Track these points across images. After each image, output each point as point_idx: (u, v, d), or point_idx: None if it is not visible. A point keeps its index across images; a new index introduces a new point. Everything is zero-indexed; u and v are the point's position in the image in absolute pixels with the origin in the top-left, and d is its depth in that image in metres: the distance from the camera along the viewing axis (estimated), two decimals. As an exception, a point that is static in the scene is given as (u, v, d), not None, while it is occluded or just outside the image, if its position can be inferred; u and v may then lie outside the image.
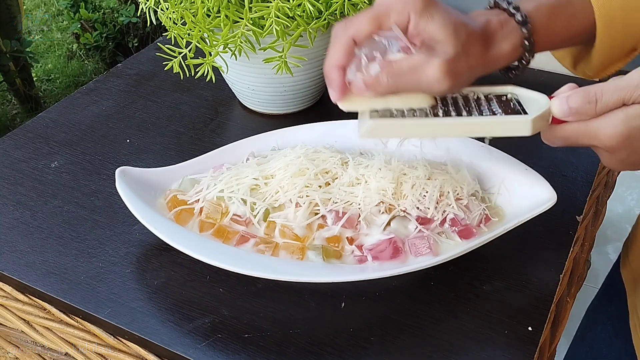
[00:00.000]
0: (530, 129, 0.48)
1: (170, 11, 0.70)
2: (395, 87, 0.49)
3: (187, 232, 0.59)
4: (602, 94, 0.45)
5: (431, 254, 0.56)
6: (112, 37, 2.38)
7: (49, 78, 2.47)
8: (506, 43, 0.52)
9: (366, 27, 0.49)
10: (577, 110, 0.46)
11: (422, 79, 0.48)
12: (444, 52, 0.48)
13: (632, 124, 0.44)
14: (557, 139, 0.49)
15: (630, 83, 0.44)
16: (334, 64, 0.50)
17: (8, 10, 1.91)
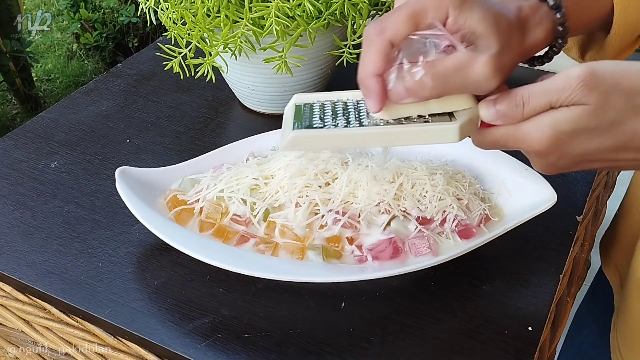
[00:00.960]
0: (457, 136, 0.47)
1: (170, 11, 0.70)
2: (442, 89, 0.46)
3: (187, 232, 0.59)
4: (529, 97, 0.44)
5: (431, 254, 0.56)
6: (112, 37, 2.38)
7: (49, 78, 2.48)
8: (540, 30, 0.49)
9: (404, 27, 0.45)
10: (504, 114, 0.45)
11: (469, 78, 0.45)
12: (488, 47, 0.45)
13: (560, 128, 0.43)
14: (486, 143, 0.48)
15: (557, 86, 0.43)
16: (372, 72, 0.46)
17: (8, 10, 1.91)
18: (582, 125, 0.43)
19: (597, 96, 0.42)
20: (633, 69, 0.43)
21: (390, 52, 0.46)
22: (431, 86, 0.45)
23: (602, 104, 0.42)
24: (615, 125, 0.42)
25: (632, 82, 0.42)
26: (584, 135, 0.43)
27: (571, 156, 0.44)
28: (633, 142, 0.43)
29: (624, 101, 0.42)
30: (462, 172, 0.63)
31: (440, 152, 0.67)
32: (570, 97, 0.42)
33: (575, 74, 0.42)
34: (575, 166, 0.46)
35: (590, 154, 0.44)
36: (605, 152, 0.44)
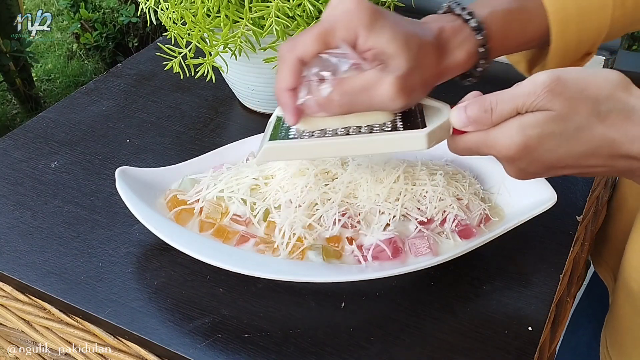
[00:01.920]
0: (425, 144, 0.48)
1: (170, 11, 0.70)
2: (349, 106, 0.48)
3: (187, 232, 0.59)
4: (497, 103, 0.44)
5: (431, 254, 0.56)
6: (112, 37, 2.38)
7: (49, 78, 2.48)
8: (460, 51, 0.51)
9: (312, 46, 0.47)
10: (474, 120, 0.46)
11: (375, 97, 0.47)
12: (396, 68, 0.46)
13: (527, 133, 0.43)
14: (460, 150, 0.48)
15: (524, 91, 0.43)
16: (284, 87, 0.48)
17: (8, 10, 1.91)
18: (548, 131, 0.43)
19: (562, 102, 0.42)
20: (599, 76, 0.43)
21: (300, 68, 0.48)
22: (339, 103, 0.47)
23: (566, 110, 0.42)
24: (582, 131, 0.43)
25: (597, 89, 0.43)
26: (552, 141, 0.43)
27: (541, 162, 0.45)
28: (601, 149, 0.43)
29: (589, 108, 0.42)
30: (462, 172, 0.63)
31: (440, 152, 0.67)
32: (535, 103, 0.43)
33: (540, 80, 0.43)
34: (546, 172, 0.46)
35: (559, 160, 0.44)
36: (574, 158, 0.44)
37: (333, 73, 0.48)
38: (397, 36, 0.46)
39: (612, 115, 0.42)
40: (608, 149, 0.43)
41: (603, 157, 0.44)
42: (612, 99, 0.43)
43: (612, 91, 0.43)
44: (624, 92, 0.43)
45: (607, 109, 0.42)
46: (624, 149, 0.43)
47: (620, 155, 0.43)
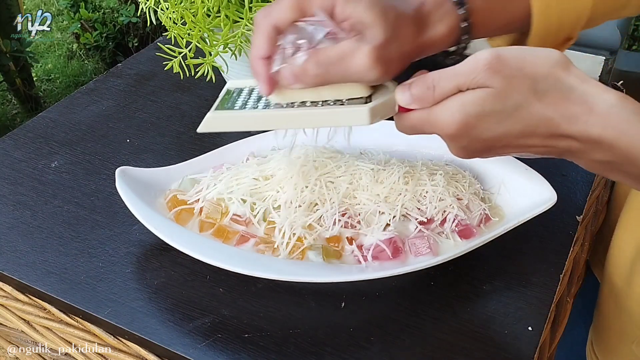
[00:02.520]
0: (367, 119, 0.47)
1: (170, 11, 0.70)
2: (324, 77, 0.46)
3: (187, 232, 0.59)
4: (439, 80, 0.44)
5: (431, 254, 0.56)
6: (112, 37, 2.38)
7: (49, 78, 2.47)
8: (442, 25, 0.50)
9: (288, 13, 0.46)
10: (417, 97, 0.45)
11: (351, 67, 0.46)
12: (373, 38, 0.45)
13: (467, 111, 0.43)
14: (405, 128, 0.48)
15: (465, 69, 0.43)
16: (258, 55, 0.47)
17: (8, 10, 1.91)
18: (488, 108, 0.43)
19: (501, 80, 0.42)
20: (539, 54, 0.43)
21: (276, 36, 0.47)
22: (313, 74, 0.46)
23: (505, 87, 0.42)
24: (520, 109, 0.43)
25: (536, 67, 0.43)
26: (491, 119, 0.43)
27: (482, 140, 0.45)
28: (540, 128, 0.43)
29: (527, 85, 0.42)
30: (462, 172, 0.63)
31: (440, 152, 0.67)
32: (475, 80, 0.43)
33: (481, 57, 0.43)
34: (488, 151, 0.46)
35: (499, 138, 0.44)
36: (513, 137, 0.44)
37: (309, 42, 0.46)
38: (374, 6, 0.46)
39: (550, 94, 0.42)
40: (546, 129, 0.43)
41: (542, 137, 0.44)
42: (551, 78, 0.42)
43: (551, 70, 0.43)
44: (563, 71, 0.43)
45: (545, 87, 0.42)
46: (562, 128, 0.42)
47: (558, 134, 0.43)
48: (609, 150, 0.42)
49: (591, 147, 0.43)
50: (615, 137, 0.42)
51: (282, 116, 0.49)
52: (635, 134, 0.41)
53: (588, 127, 0.42)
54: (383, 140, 0.68)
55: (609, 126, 0.41)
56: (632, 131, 0.41)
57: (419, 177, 0.60)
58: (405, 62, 0.49)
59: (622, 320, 0.64)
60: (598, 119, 0.42)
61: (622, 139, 0.41)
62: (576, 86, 0.42)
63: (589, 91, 0.42)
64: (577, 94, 0.42)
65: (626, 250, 0.64)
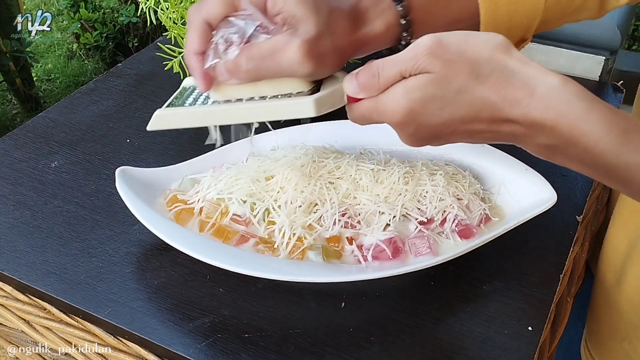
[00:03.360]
0: (313, 110, 0.47)
1: (170, 11, 0.70)
2: (257, 72, 0.47)
3: (187, 232, 0.59)
4: (383, 67, 0.44)
5: (431, 254, 0.56)
6: (112, 37, 2.38)
7: (49, 78, 2.48)
8: (379, 22, 0.50)
9: (219, 8, 0.46)
10: (363, 85, 0.45)
11: (282, 62, 0.46)
12: (304, 32, 0.45)
13: (411, 97, 0.43)
14: (357, 118, 0.48)
15: (407, 55, 0.43)
16: (191, 50, 0.48)
17: (8, 10, 1.91)
18: (430, 94, 0.43)
19: (441, 64, 0.42)
20: (480, 39, 0.43)
21: (209, 31, 0.47)
22: (246, 68, 0.46)
23: (446, 72, 0.42)
24: (462, 94, 0.43)
25: (477, 51, 0.42)
26: (435, 104, 0.43)
27: (428, 127, 0.45)
28: (483, 112, 0.43)
29: (468, 70, 0.42)
30: (462, 172, 0.63)
31: (440, 152, 0.67)
32: (417, 65, 0.43)
33: (422, 43, 0.43)
34: (436, 138, 0.46)
35: (445, 124, 0.44)
36: (458, 123, 0.44)
37: (241, 36, 0.47)
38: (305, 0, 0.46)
39: (491, 77, 0.42)
40: (489, 113, 0.43)
41: (486, 122, 0.43)
42: (492, 61, 0.42)
43: (492, 53, 0.42)
44: (504, 55, 0.42)
45: (486, 71, 0.42)
46: (505, 112, 0.42)
47: (501, 119, 0.43)
48: (551, 133, 0.42)
49: (534, 130, 0.42)
50: (555, 119, 0.41)
51: (228, 111, 0.50)
52: (576, 116, 0.41)
53: (529, 110, 0.42)
54: (383, 140, 0.68)
55: (550, 108, 0.41)
56: (573, 113, 0.41)
57: (419, 177, 0.60)
58: (341, 57, 0.49)
59: (614, 318, 0.64)
60: (539, 102, 0.41)
61: (562, 121, 0.41)
62: (517, 69, 0.42)
63: (530, 74, 0.42)
64: (519, 77, 0.42)
65: (618, 249, 0.64)
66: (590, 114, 0.41)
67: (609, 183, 0.45)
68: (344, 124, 0.69)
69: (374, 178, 0.60)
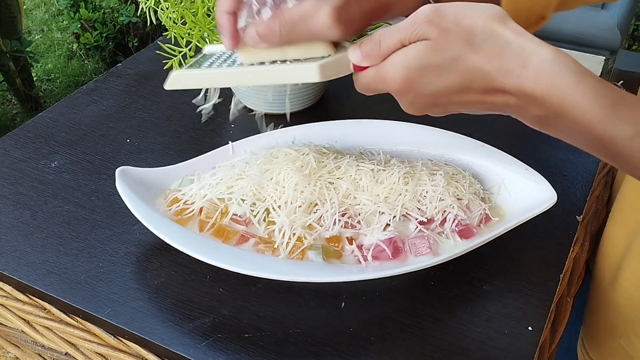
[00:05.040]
0: (318, 75, 0.49)
1: (171, 11, 0.70)
2: (289, 36, 0.48)
3: (187, 232, 0.59)
4: (384, 36, 0.45)
5: (431, 254, 0.56)
6: (112, 36, 2.38)
7: (49, 78, 2.48)
8: None
9: None
10: (366, 54, 0.46)
11: (313, 27, 0.47)
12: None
13: (408, 64, 0.44)
14: (362, 87, 0.49)
15: (407, 23, 0.44)
16: (223, 9, 0.49)
17: (8, 10, 1.91)
18: (427, 61, 0.44)
19: (438, 31, 0.43)
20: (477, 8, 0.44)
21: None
22: (278, 33, 0.48)
23: (442, 39, 0.43)
24: (457, 61, 0.43)
25: (473, 19, 0.43)
26: (431, 72, 0.44)
27: (425, 95, 0.45)
28: (476, 82, 0.43)
29: (462, 38, 0.43)
30: (462, 172, 0.63)
31: (440, 152, 0.67)
32: (415, 33, 0.44)
33: (422, 12, 0.44)
34: (434, 106, 0.47)
35: (441, 93, 0.45)
36: (452, 92, 0.44)
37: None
38: None
39: (485, 46, 0.42)
40: (483, 82, 0.43)
41: (480, 92, 0.44)
42: (487, 31, 0.43)
43: (487, 22, 0.43)
44: (499, 24, 0.43)
45: (481, 39, 0.42)
46: (498, 82, 0.43)
47: (494, 89, 0.43)
48: (542, 104, 0.42)
49: (526, 101, 0.43)
50: (545, 90, 0.41)
51: (236, 73, 0.52)
52: (565, 87, 0.41)
53: (521, 81, 0.42)
54: (383, 140, 0.68)
55: (541, 79, 0.41)
56: (563, 84, 0.41)
57: (419, 178, 0.60)
58: (367, 20, 0.50)
59: (611, 315, 0.64)
60: (531, 73, 0.42)
61: (553, 92, 0.41)
62: (512, 40, 0.42)
63: (524, 45, 0.42)
64: (512, 47, 0.42)
65: (616, 246, 0.64)
66: (579, 86, 0.41)
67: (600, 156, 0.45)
68: (344, 124, 0.69)
69: (374, 178, 0.60)
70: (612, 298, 0.63)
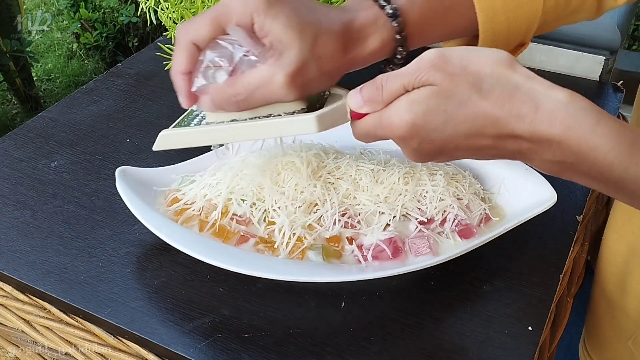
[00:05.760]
0: (316, 127, 0.47)
1: (170, 11, 0.70)
2: (247, 103, 0.47)
3: (187, 232, 0.59)
4: (387, 81, 0.44)
5: (431, 253, 0.56)
6: (112, 36, 2.38)
7: (49, 78, 2.48)
8: (374, 39, 0.50)
9: (206, 30, 0.46)
10: (367, 99, 0.45)
11: (269, 93, 0.46)
12: (288, 63, 0.45)
13: (414, 110, 0.43)
14: (361, 135, 0.48)
15: (411, 69, 0.43)
16: (178, 70, 0.48)
17: (8, 10, 1.91)
18: (433, 107, 0.43)
19: (443, 77, 0.42)
20: (483, 54, 0.43)
21: (196, 52, 0.47)
22: (235, 101, 0.47)
23: (448, 84, 0.42)
24: (464, 107, 0.42)
25: (480, 65, 0.42)
26: (438, 118, 0.43)
27: (431, 141, 0.44)
28: (487, 128, 0.42)
29: (470, 83, 0.42)
30: (462, 172, 0.63)
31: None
32: (420, 78, 0.43)
33: (426, 57, 0.43)
34: (439, 154, 0.46)
35: (448, 140, 0.44)
36: (462, 138, 0.43)
37: (229, 61, 0.47)
38: (291, 24, 0.45)
39: (494, 92, 0.42)
40: (494, 128, 0.42)
41: (490, 137, 0.43)
42: (495, 76, 0.42)
43: (495, 67, 0.42)
44: (508, 69, 0.42)
45: (490, 85, 0.42)
46: (510, 128, 0.42)
47: (507, 135, 0.42)
48: (559, 149, 0.41)
49: (540, 146, 0.42)
50: (562, 134, 0.41)
51: (231, 129, 0.50)
52: (583, 130, 0.40)
53: (535, 125, 0.41)
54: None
55: (556, 123, 0.41)
56: (580, 127, 0.40)
57: (419, 178, 0.60)
58: (329, 79, 0.49)
59: (617, 318, 0.64)
60: (545, 117, 0.41)
61: (570, 136, 0.41)
62: (522, 84, 0.42)
63: (535, 88, 0.41)
64: (523, 91, 0.41)
65: (618, 249, 0.64)
66: (597, 127, 0.40)
67: (618, 196, 0.45)
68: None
69: (374, 178, 0.60)
70: (620, 302, 0.63)
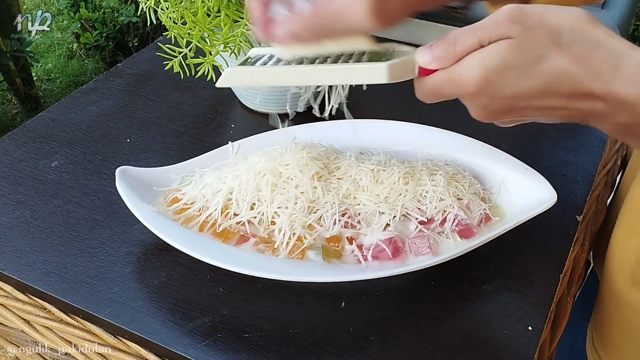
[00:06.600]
0: (386, 76, 0.46)
1: (171, 11, 0.70)
2: (326, 33, 0.46)
3: (187, 231, 0.59)
4: (461, 35, 0.43)
5: (431, 253, 0.56)
6: (112, 36, 2.38)
7: (49, 78, 2.48)
8: None
9: None
10: (438, 55, 0.44)
11: (350, 22, 0.45)
12: None
13: (487, 65, 0.41)
14: (426, 93, 0.46)
15: (487, 23, 0.42)
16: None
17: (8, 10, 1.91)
18: (508, 61, 0.41)
19: (522, 29, 0.41)
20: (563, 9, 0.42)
21: None
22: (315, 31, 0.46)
23: (526, 38, 0.41)
24: (541, 62, 0.41)
25: (559, 18, 0.41)
26: (512, 73, 0.41)
27: (502, 98, 0.43)
28: (562, 85, 0.41)
29: (549, 37, 0.41)
30: (462, 172, 0.63)
31: (440, 152, 0.67)
32: (497, 32, 0.41)
33: (504, 10, 0.42)
34: (508, 112, 0.44)
35: (520, 96, 0.42)
36: (535, 95, 0.42)
37: None
38: None
39: (574, 46, 0.40)
40: (569, 86, 0.41)
41: (564, 96, 0.41)
42: (576, 30, 0.40)
43: (575, 22, 0.41)
44: (589, 24, 0.41)
45: (569, 39, 0.40)
46: (586, 85, 0.40)
47: (582, 93, 0.41)
48: (634, 111, 0.40)
49: (616, 107, 0.40)
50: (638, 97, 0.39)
51: (300, 72, 0.49)
52: None
53: (613, 85, 0.39)
54: (383, 140, 0.68)
55: (635, 84, 0.39)
56: None
57: (419, 178, 0.60)
58: (406, 11, 0.47)
59: (628, 317, 0.63)
60: (623, 76, 0.39)
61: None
62: (602, 40, 0.40)
63: (616, 46, 0.40)
64: (603, 48, 0.40)
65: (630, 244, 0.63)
66: None
67: None
68: (344, 123, 0.69)
69: (374, 178, 0.60)
70: (630, 301, 0.62)
